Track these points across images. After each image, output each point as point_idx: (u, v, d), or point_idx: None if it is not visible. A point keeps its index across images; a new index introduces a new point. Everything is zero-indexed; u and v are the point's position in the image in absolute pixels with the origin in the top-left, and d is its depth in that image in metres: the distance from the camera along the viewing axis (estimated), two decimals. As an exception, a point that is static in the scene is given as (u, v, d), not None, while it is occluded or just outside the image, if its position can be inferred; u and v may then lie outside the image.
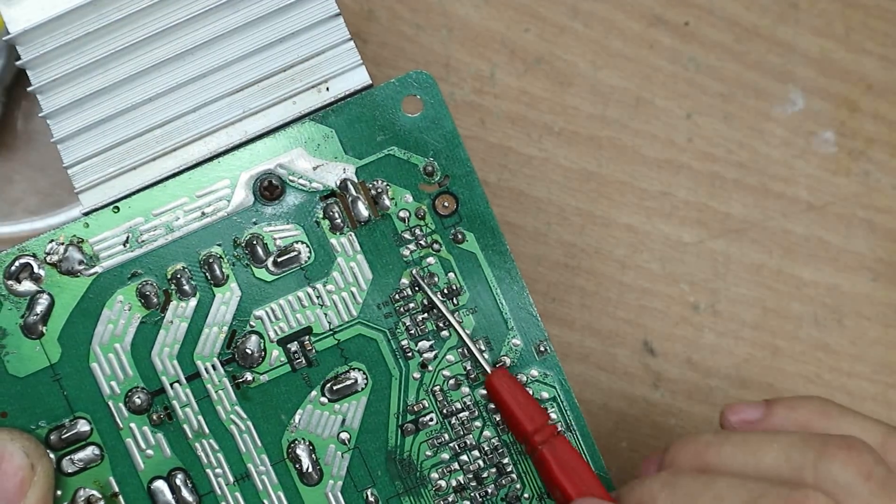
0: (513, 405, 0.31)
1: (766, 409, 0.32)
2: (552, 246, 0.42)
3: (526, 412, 0.31)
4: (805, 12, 0.43)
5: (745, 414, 0.32)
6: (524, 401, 0.31)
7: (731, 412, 0.32)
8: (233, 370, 0.31)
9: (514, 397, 0.31)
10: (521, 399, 0.31)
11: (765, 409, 0.32)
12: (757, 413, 0.32)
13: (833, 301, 0.43)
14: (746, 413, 0.32)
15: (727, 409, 0.33)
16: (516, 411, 0.31)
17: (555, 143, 0.42)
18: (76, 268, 0.30)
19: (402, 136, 0.31)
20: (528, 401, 0.31)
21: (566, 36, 0.42)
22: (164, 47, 0.31)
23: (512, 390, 0.31)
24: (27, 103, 0.40)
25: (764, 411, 0.32)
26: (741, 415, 0.32)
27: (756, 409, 0.32)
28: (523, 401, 0.31)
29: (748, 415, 0.32)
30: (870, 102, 0.44)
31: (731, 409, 0.32)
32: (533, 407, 0.31)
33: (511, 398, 0.31)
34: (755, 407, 0.32)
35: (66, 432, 0.30)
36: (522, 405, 0.31)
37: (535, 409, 0.31)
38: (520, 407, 0.31)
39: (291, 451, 0.31)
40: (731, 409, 0.32)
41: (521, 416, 0.31)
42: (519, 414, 0.31)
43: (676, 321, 0.42)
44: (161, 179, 0.31)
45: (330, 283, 0.31)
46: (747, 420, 0.32)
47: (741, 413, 0.32)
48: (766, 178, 0.43)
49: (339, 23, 0.32)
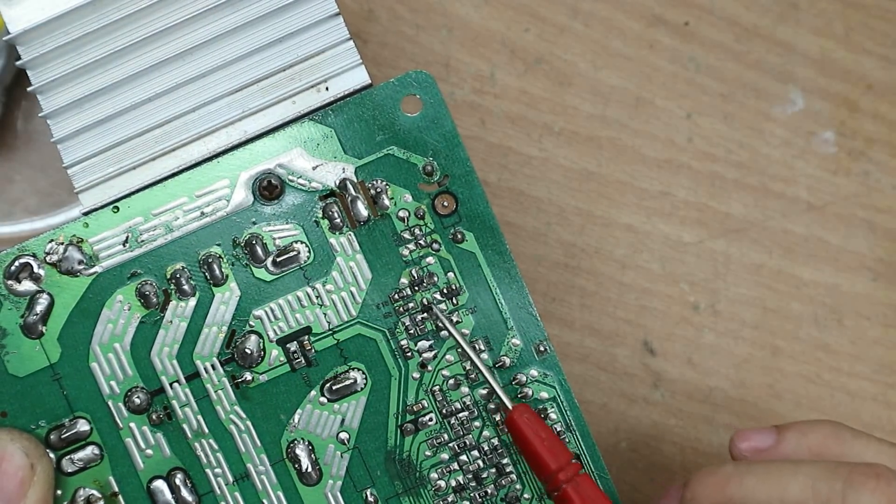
0: (536, 443, 0.30)
1: (778, 436, 0.31)
2: (552, 246, 0.42)
3: (550, 450, 0.30)
4: (805, 12, 0.43)
5: (756, 441, 0.31)
6: (548, 438, 0.30)
7: (741, 439, 0.32)
8: (232, 370, 0.31)
9: (537, 434, 0.30)
10: (545, 436, 0.30)
11: (776, 435, 0.31)
12: (768, 440, 0.31)
13: (833, 301, 0.43)
14: (757, 440, 0.31)
15: (737, 436, 0.32)
16: (540, 449, 0.30)
17: (555, 143, 0.42)
18: (76, 267, 0.30)
19: (401, 135, 0.31)
20: (551, 438, 0.30)
21: (566, 36, 0.42)
22: (164, 47, 0.31)
23: (534, 427, 0.30)
24: (27, 103, 0.40)
25: (775, 438, 0.31)
26: (751, 442, 0.31)
27: (767, 436, 0.31)
28: (547, 438, 0.30)
29: (759, 442, 0.31)
30: (870, 102, 0.43)
31: (741, 436, 0.32)
32: (556, 444, 0.30)
33: (534, 435, 0.30)
34: (765, 433, 0.31)
35: (65, 432, 0.30)
36: (546, 442, 0.30)
37: (558, 446, 0.30)
38: (543, 445, 0.30)
39: (291, 451, 0.31)
40: (740, 437, 0.32)
41: (544, 454, 0.30)
42: (542, 452, 0.30)
43: (676, 321, 0.42)
44: (160, 179, 0.31)
45: (329, 282, 0.31)
46: (758, 448, 0.31)
47: (751, 440, 0.32)
48: (766, 178, 0.43)
49: (339, 22, 0.32)
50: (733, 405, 0.42)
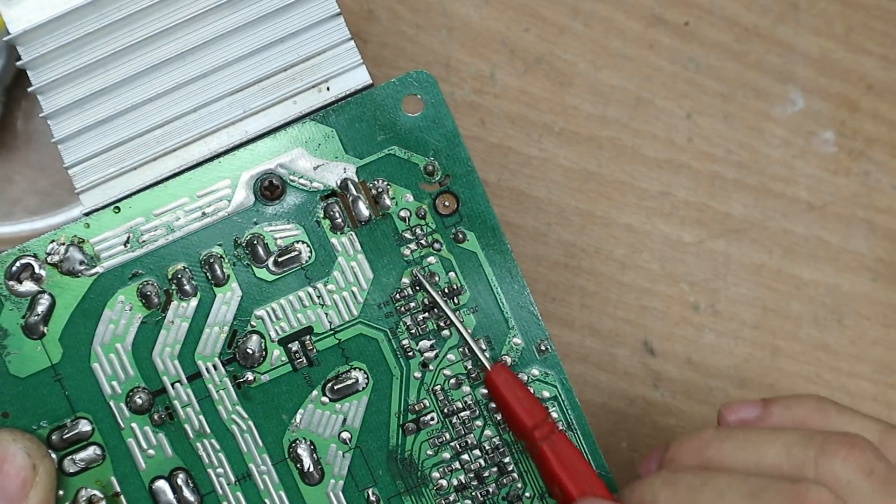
0: (512, 401, 0.31)
1: (764, 409, 0.32)
2: (552, 246, 0.42)
3: (525, 408, 0.31)
4: (805, 12, 0.43)
5: (743, 413, 0.32)
6: (524, 396, 0.31)
7: (729, 412, 0.32)
8: (234, 370, 0.31)
9: (514, 393, 0.31)
10: (521, 394, 0.31)
11: (762, 408, 0.32)
12: (754, 412, 0.32)
13: (833, 301, 0.43)
14: (744, 412, 0.32)
15: (724, 408, 0.33)
16: (516, 407, 0.31)
17: (555, 143, 0.42)
18: (77, 268, 0.30)
19: (402, 135, 0.31)
20: (528, 396, 0.31)
21: (566, 36, 0.42)
22: (165, 47, 0.31)
23: (511, 386, 0.31)
24: (27, 103, 0.40)
25: (761, 410, 0.32)
26: (739, 414, 0.32)
27: (753, 409, 0.32)
28: (523, 396, 0.31)
29: (746, 414, 0.32)
30: (870, 102, 0.44)
31: (729, 409, 0.33)
32: (532, 402, 0.31)
33: (510, 394, 0.31)
34: (752, 406, 0.32)
35: (67, 432, 0.30)
36: (522, 401, 0.31)
37: (534, 404, 0.31)
38: (519, 402, 0.31)
39: (293, 451, 0.31)
40: (728, 409, 0.33)
41: (520, 411, 0.31)
42: (518, 410, 0.31)
43: (676, 321, 0.42)
44: (162, 179, 0.31)
45: (331, 282, 0.31)
46: (745, 419, 0.32)
47: (738, 412, 0.32)
48: (766, 178, 0.43)
49: (340, 22, 0.32)
50: (733, 405, 0.42)
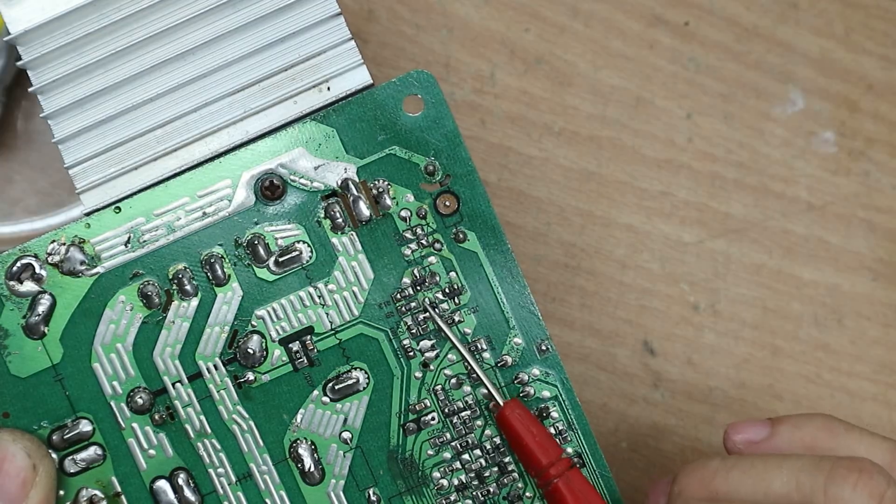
0: (527, 438, 0.30)
1: (771, 429, 0.31)
2: (552, 246, 0.42)
3: (540, 445, 0.30)
4: (805, 12, 0.43)
5: (750, 433, 0.32)
6: (538, 433, 0.30)
7: (735, 431, 0.32)
8: (234, 370, 0.31)
9: (528, 430, 0.30)
10: (535, 431, 0.30)
11: (769, 428, 0.31)
12: (762, 432, 0.31)
13: (833, 301, 0.43)
14: (750, 433, 0.32)
15: (731, 428, 0.32)
16: (530, 444, 0.30)
17: (555, 143, 0.42)
18: (78, 268, 0.30)
19: (403, 135, 0.31)
20: (542, 433, 0.30)
21: (566, 36, 0.43)
22: (165, 47, 0.31)
23: (525, 423, 0.30)
24: (27, 103, 0.40)
25: (769, 430, 0.31)
26: (745, 434, 0.32)
27: (760, 429, 0.31)
28: (538, 433, 0.30)
29: (752, 434, 0.32)
30: (870, 102, 0.44)
31: (735, 429, 0.32)
32: (547, 439, 0.30)
33: (525, 431, 0.30)
34: (759, 426, 0.32)
35: (68, 432, 0.30)
36: (537, 437, 0.30)
37: (549, 440, 0.30)
38: (534, 440, 0.30)
39: (293, 451, 0.31)
40: (734, 429, 0.32)
41: (535, 449, 0.30)
42: (533, 447, 0.30)
43: (676, 321, 0.42)
44: (162, 179, 0.31)
45: (331, 282, 0.31)
46: (752, 440, 0.32)
47: (745, 432, 0.32)
48: (766, 178, 0.43)
49: (340, 22, 0.32)
50: (733, 405, 0.42)
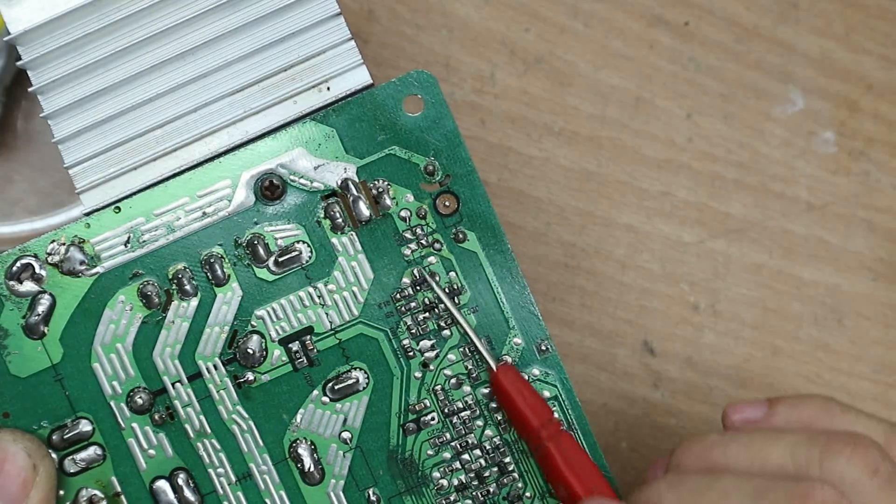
0: (518, 400, 0.31)
1: (769, 408, 0.32)
2: (552, 246, 0.42)
3: (532, 407, 0.31)
4: (805, 12, 0.43)
5: (748, 413, 0.32)
6: (529, 396, 0.31)
7: (734, 411, 0.32)
8: (234, 370, 0.31)
9: (520, 392, 0.31)
10: (527, 394, 0.31)
11: (767, 407, 0.32)
12: (759, 412, 0.32)
13: (833, 301, 0.43)
14: (749, 412, 0.32)
15: (729, 408, 0.33)
16: (522, 406, 0.31)
17: (555, 143, 0.42)
18: (77, 268, 0.30)
19: (403, 135, 0.31)
20: (534, 396, 0.31)
21: (566, 36, 0.42)
22: (165, 47, 0.31)
23: (517, 386, 0.31)
24: (27, 103, 0.40)
25: (766, 410, 0.32)
26: (743, 414, 0.32)
27: (758, 408, 0.32)
28: (529, 396, 0.31)
29: (750, 414, 0.32)
30: (870, 102, 0.44)
31: (734, 409, 0.32)
32: (538, 402, 0.31)
33: (517, 393, 0.31)
34: (757, 406, 0.32)
35: (68, 432, 0.30)
36: (528, 400, 0.31)
37: (540, 404, 0.31)
38: (525, 402, 0.31)
39: (293, 451, 0.31)
40: (733, 409, 0.32)
41: (526, 411, 0.31)
42: (524, 409, 0.31)
43: (676, 321, 0.42)
44: (162, 179, 0.31)
45: (331, 282, 0.31)
46: (750, 419, 0.32)
47: (743, 412, 0.32)
48: (766, 178, 0.43)
49: (340, 22, 0.32)
50: (733, 405, 0.42)
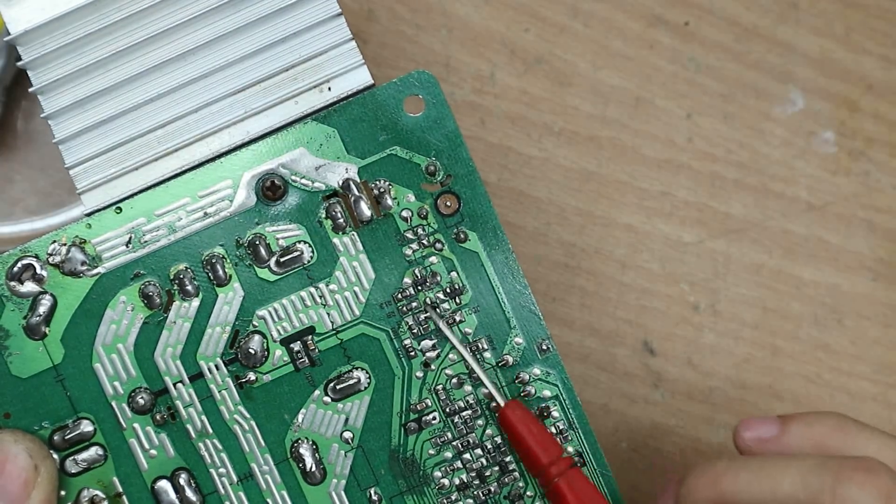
0: (527, 437, 0.30)
1: (782, 426, 0.31)
2: (552, 246, 0.42)
3: (540, 444, 0.30)
4: (805, 12, 0.44)
5: (760, 431, 0.31)
6: (538, 432, 0.30)
7: (745, 428, 0.32)
8: (236, 370, 0.31)
9: (529, 429, 0.30)
10: (536, 430, 0.30)
11: (780, 425, 0.31)
12: (772, 430, 0.31)
13: (833, 301, 0.43)
14: (761, 430, 0.31)
15: (741, 424, 0.32)
16: (530, 443, 0.30)
17: (555, 143, 0.42)
18: (79, 268, 0.30)
19: (404, 135, 0.31)
20: (542, 433, 0.30)
21: (566, 36, 0.43)
22: (166, 47, 0.31)
23: (526, 422, 0.30)
24: (27, 103, 0.40)
25: (779, 428, 0.31)
26: (756, 432, 0.31)
27: (771, 426, 0.31)
28: (538, 432, 0.30)
29: (763, 432, 0.31)
30: (870, 102, 0.44)
31: (746, 425, 0.32)
32: (547, 438, 0.30)
33: (525, 430, 0.30)
34: (770, 423, 0.31)
35: (69, 433, 0.30)
36: (537, 437, 0.30)
37: (549, 440, 0.30)
38: (534, 439, 0.30)
39: (295, 451, 0.31)
40: (745, 425, 0.32)
41: (535, 448, 0.30)
42: (533, 446, 0.30)
43: (676, 321, 0.42)
44: (163, 180, 0.31)
45: (333, 282, 0.31)
46: (762, 437, 0.31)
47: (755, 429, 0.31)
48: (766, 178, 0.43)
49: (341, 22, 0.32)
50: (733, 405, 0.42)
